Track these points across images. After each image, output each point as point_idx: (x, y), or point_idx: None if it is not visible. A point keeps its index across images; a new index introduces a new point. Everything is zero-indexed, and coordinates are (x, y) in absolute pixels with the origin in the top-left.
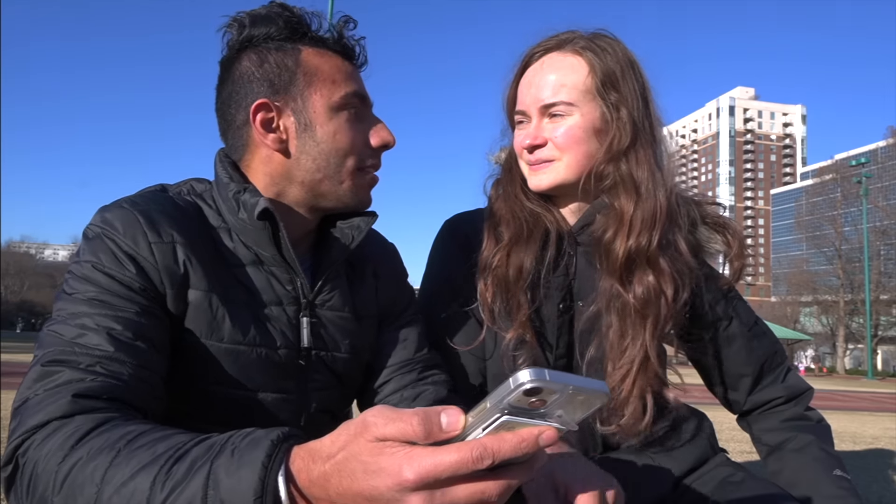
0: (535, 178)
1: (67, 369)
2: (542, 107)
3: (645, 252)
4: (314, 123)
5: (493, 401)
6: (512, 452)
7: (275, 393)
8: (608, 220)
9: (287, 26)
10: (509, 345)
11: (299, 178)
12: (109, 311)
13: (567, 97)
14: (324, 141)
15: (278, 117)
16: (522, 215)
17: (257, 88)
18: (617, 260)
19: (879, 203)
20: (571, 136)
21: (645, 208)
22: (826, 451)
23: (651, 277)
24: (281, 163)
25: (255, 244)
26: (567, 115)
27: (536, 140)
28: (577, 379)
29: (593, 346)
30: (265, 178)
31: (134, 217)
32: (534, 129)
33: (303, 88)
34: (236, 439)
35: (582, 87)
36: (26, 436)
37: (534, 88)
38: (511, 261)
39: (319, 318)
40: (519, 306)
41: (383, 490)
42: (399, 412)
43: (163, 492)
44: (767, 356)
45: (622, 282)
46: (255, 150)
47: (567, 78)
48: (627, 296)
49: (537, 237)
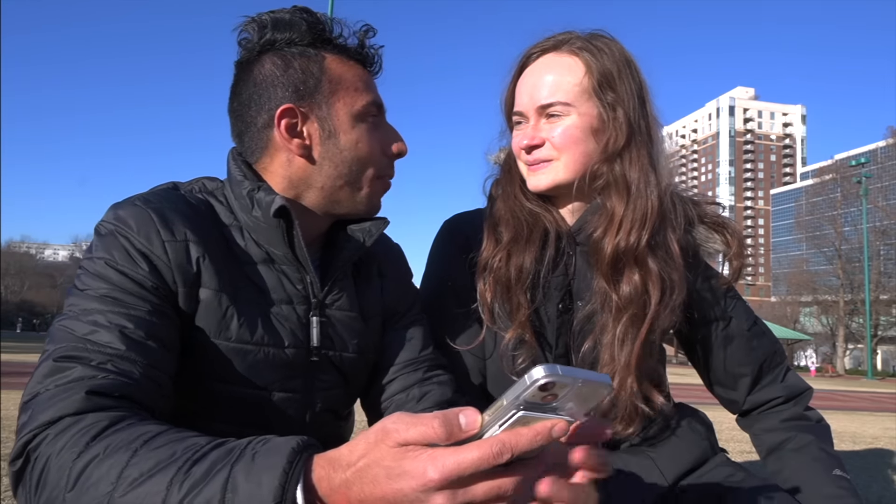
0: (534, 179)
1: (79, 366)
2: (540, 107)
3: (633, 251)
4: (338, 131)
5: (508, 398)
6: (528, 446)
7: (281, 392)
8: (599, 220)
9: (311, 32)
10: (508, 345)
11: (319, 183)
12: (122, 308)
13: (564, 97)
14: (347, 149)
15: (302, 123)
16: (522, 215)
17: (282, 93)
18: (605, 259)
19: (879, 203)
20: (569, 137)
21: (635, 208)
22: (826, 451)
23: (637, 277)
24: (302, 167)
25: (268, 242)
26: (564, 115)
27: (534, 140)
28: (585, 372)
29: (588, 345)
30: (283, 181)
31: (147, 215)
32: (531, 129)
33: (328, 96)
34: (256, 445)
35: (579, 88)
36: (37, 431)
37: (531, 89)
38: (511, 261)
39: (328, 318)
40: (518, 306)
41: (408, 492)
42: (418, 417)
43: (180, 493)
44: (767, 356)
45: (609, 280)
46: (274, 154)
47: (564, 78)
48: (613, 295)
49: (537, 237)
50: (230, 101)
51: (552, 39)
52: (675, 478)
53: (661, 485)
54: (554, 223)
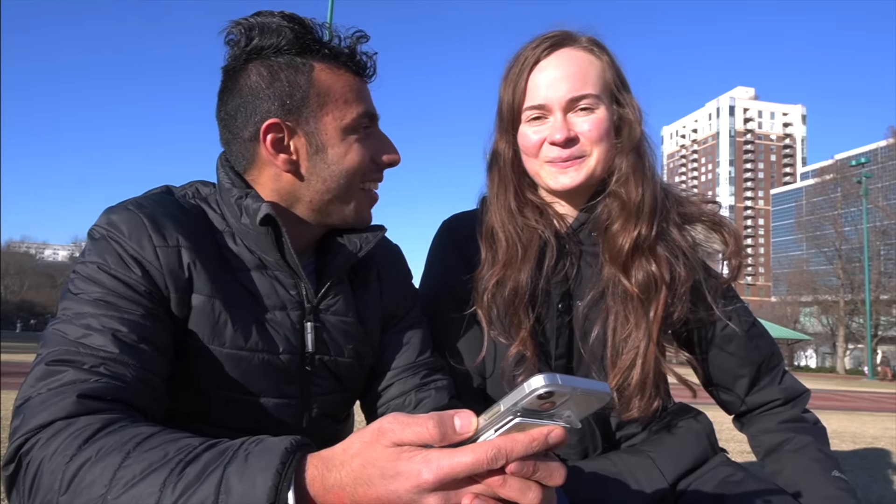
0: (564, 178)
1: (72, 369)
2: (570, 100)
3: (647, 241)
4: (326, 146)
5: (506, 404)
6: (524, 452)
7: (277, 398)
8: (613, 212)
9: (298, 40)
10: (511, 360)
11: (307, 197)
12: (115, 312)
13: (594, 90)
14: (334, 162)
15: (289, 137)
16: (516, 232)
17: (267, 106)
18: (623, 250)
19: (879, 203)
20: (603, 130)
21: (647, 198)
22: (824, 452)
23: (652, 265)
24: (290, 182)
25: (259, 249)
26: (595, 108)
27: (570, 133)
28: (584, 381)
29: (594, 338)
30: (273, 193)
31: (140, 220)
32: (561, 123)
33: (316, 109)
34: (249, 446)
35: (602, 82)
36: (30, 435)
37: (555, 82)
38: (507, 284)
39: (323, 323)
40: (519, 323)
41: (402, 493)
42: (413, 417)
43: (173, 494)
44: (765, 357)
45: (624, 270)
46: (262, 167)
47: (590, 72)
48: (629, 283)
49: (532, 254)
50: (217, 107)
51: (557, 35)
52: (675, 478)
53: (661, 485)
54: (553, 228)
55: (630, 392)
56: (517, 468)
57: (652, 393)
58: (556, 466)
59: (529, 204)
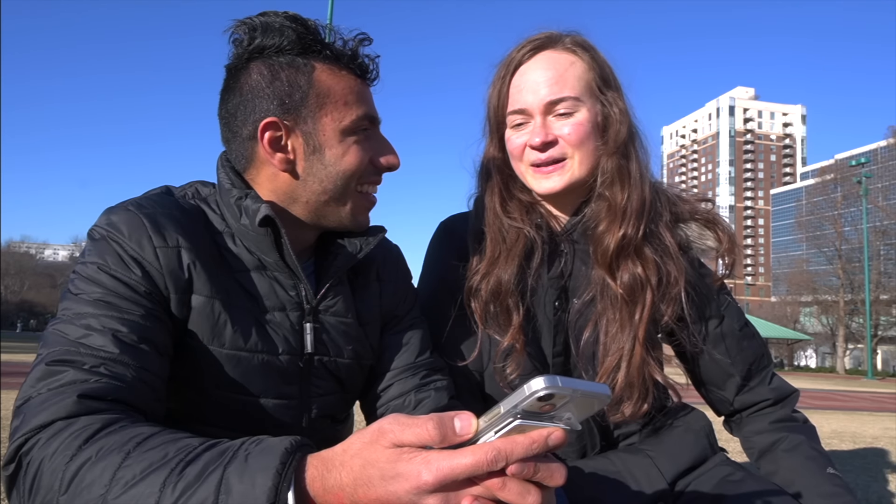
0: (548, 182)
1: (72, 369)
2: (548, 103)
3: (633, 242)
4: (323, 146)
5: (506, 406)
6: (524, 454)
7: (276, 399)
8: (600, 213)
9: (300, 40)
10: (500, 353)
11: (304, 198)
12: (115, 312)
13: (572, 92)
14: (331, 164)
15: (287, 137)
16: (501, 233)
17: (266, 105)
18: (608, 251)
19: (879, 203)
20: (583, 132)
21: (633, 200)
22: (817, 450)
23: (638, 267)
24: (287, 182)
25: (259, 249)
26: (574, 111)
27: (548, 137)
28: (584, 383)
29: (588, 338)
30: (270, 194)
31: (139, 221)
32: (541, 127)
33: (314, 110)
34: (249, 446)
35: (583, 83)
36: (30, 435)
37: (535, 86)
38: (489, 279)
39: (322, 324)
40: (508, 318)
41: (401, 494)
42: (414, 418)
43: (173, 494)
44: (756, 357)
45: (610, 272)
46: (260, 167)
47: (569, 73)
48: (615, 284)
49: (517, 253)
50: (219, 105)
51: (543, 37)
52: (674, 477)
53: (660, 484)
54: (545, 227)
55: (617, 394)
56: (517, 470)
57: (641, 395)
58: (557, 467)
59: (517, 203)
